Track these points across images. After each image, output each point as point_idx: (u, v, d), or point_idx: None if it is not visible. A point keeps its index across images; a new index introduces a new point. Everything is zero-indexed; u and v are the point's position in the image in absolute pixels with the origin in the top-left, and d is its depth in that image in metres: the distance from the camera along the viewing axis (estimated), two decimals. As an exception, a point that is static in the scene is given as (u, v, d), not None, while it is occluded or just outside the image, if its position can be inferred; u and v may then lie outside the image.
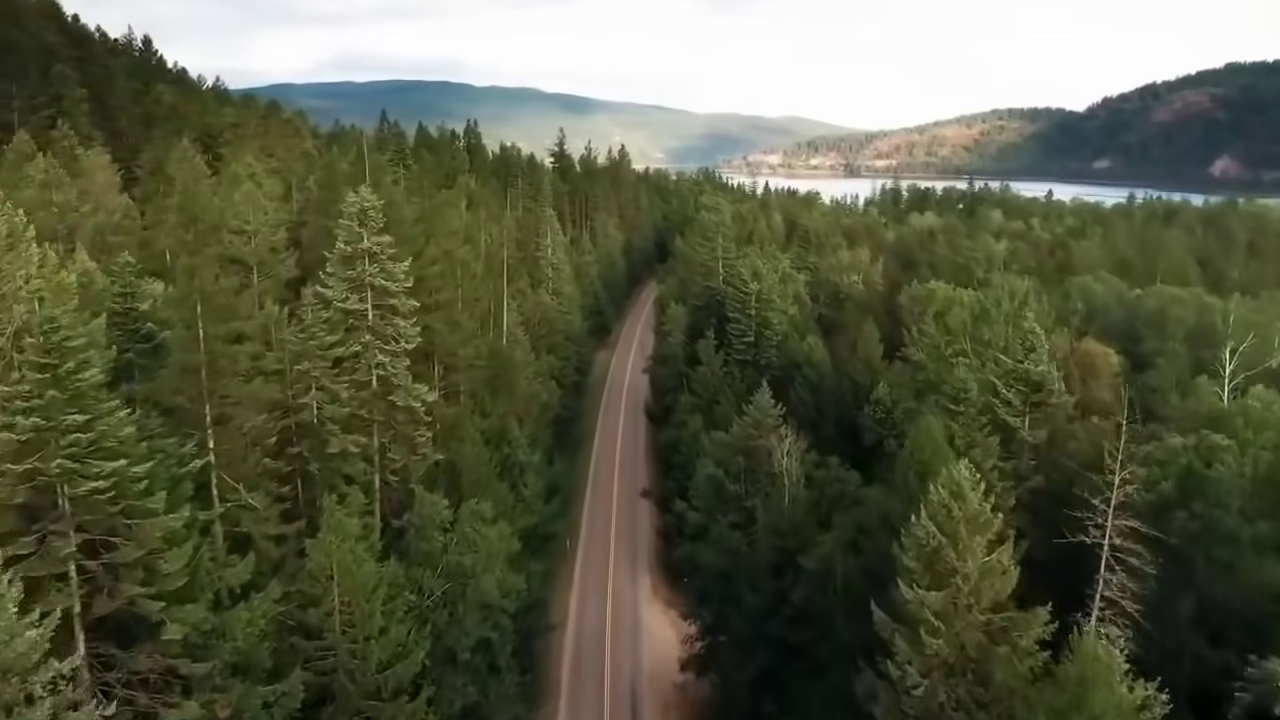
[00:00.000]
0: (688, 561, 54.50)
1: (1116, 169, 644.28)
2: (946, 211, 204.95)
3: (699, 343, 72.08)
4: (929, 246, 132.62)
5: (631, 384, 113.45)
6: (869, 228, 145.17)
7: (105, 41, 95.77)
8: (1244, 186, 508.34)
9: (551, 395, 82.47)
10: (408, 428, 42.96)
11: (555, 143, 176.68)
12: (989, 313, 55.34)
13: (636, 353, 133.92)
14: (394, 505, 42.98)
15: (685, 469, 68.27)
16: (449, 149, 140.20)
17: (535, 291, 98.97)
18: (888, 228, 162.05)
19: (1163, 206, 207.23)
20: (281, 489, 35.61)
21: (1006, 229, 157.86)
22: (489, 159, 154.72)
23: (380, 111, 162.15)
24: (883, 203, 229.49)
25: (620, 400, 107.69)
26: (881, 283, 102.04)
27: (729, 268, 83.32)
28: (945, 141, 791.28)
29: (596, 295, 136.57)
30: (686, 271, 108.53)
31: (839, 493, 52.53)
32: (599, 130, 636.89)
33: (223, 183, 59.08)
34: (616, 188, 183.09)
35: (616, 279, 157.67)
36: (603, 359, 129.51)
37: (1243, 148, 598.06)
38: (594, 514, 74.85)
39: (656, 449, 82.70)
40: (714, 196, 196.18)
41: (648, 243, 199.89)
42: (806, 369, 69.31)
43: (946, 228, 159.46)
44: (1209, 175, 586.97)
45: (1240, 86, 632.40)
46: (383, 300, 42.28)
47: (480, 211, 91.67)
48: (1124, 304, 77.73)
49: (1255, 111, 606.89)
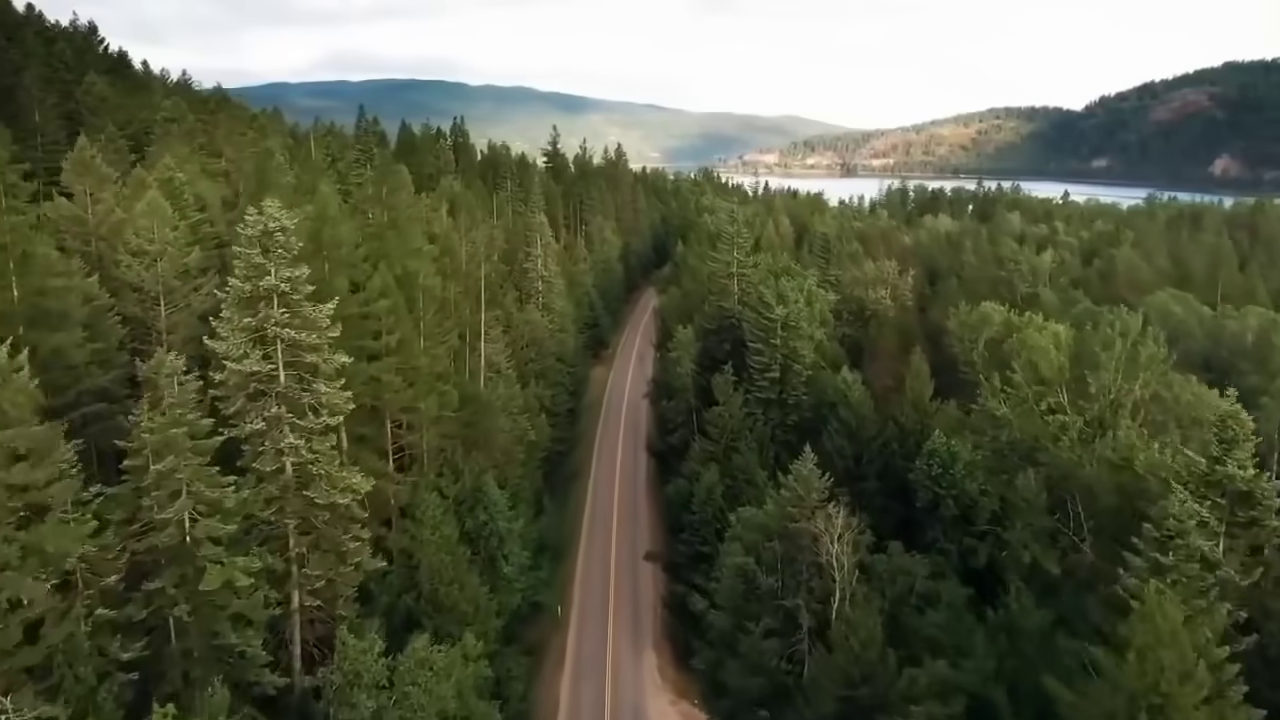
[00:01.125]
0: (710, 676, 42.57)
1: (1115, 168, 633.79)
2: (961, 214, 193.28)
3: (714, 377, 59.98)
4: (955, 254, 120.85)
5: (631, 407, 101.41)
6: (885, 233, 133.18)
7: (35, 23, 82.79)
8: (1244, 186, 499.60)
9: (541, 431, 70.52)
10: (333, 530, 30.90)
11: (549, 141, 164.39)
12: (1096, 356, 43.23)
13: (636, 369, 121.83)
14: (315, 638, 30.94)
15: (699, 531, 56.36)
16: (432, 148, 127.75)
17: (524, 308, 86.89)
18: (902, 231, 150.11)
19: (1187, 208, 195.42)
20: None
21: (1029, 233, 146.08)
22: (478, 159, 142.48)
23: (374, 111, 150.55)
24: (890, 204, 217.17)
25: (618, 427, 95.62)
26: (910, 296, 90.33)
27: (745, 285, 71.30)
28: (942, 141, 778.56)
29: (592, 306, 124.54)
30: (692, 284, 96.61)
31: (904, 589, 40.78)
32: (594, 129, 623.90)
33: (128, 191, 46.86)
34: (613, 189, 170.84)
35: (614, 287, 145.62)
36: (599, 376, 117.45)
37: (1242, 147, 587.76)
38: (589, 575, 62.55)
39: (660, 496, 70.67)
40: (717, 199, 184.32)
41: (646, 246, 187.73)
42: (843, 410, 57.40)
43: (964, 232, 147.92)
44: (1209, 174, 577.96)
45: (1239, 85, 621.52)
46: (297, 357, 30.19)
47: (463, 219, 79.67)
48: (1206, 328, 65.79)
49: (1254, 110, 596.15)
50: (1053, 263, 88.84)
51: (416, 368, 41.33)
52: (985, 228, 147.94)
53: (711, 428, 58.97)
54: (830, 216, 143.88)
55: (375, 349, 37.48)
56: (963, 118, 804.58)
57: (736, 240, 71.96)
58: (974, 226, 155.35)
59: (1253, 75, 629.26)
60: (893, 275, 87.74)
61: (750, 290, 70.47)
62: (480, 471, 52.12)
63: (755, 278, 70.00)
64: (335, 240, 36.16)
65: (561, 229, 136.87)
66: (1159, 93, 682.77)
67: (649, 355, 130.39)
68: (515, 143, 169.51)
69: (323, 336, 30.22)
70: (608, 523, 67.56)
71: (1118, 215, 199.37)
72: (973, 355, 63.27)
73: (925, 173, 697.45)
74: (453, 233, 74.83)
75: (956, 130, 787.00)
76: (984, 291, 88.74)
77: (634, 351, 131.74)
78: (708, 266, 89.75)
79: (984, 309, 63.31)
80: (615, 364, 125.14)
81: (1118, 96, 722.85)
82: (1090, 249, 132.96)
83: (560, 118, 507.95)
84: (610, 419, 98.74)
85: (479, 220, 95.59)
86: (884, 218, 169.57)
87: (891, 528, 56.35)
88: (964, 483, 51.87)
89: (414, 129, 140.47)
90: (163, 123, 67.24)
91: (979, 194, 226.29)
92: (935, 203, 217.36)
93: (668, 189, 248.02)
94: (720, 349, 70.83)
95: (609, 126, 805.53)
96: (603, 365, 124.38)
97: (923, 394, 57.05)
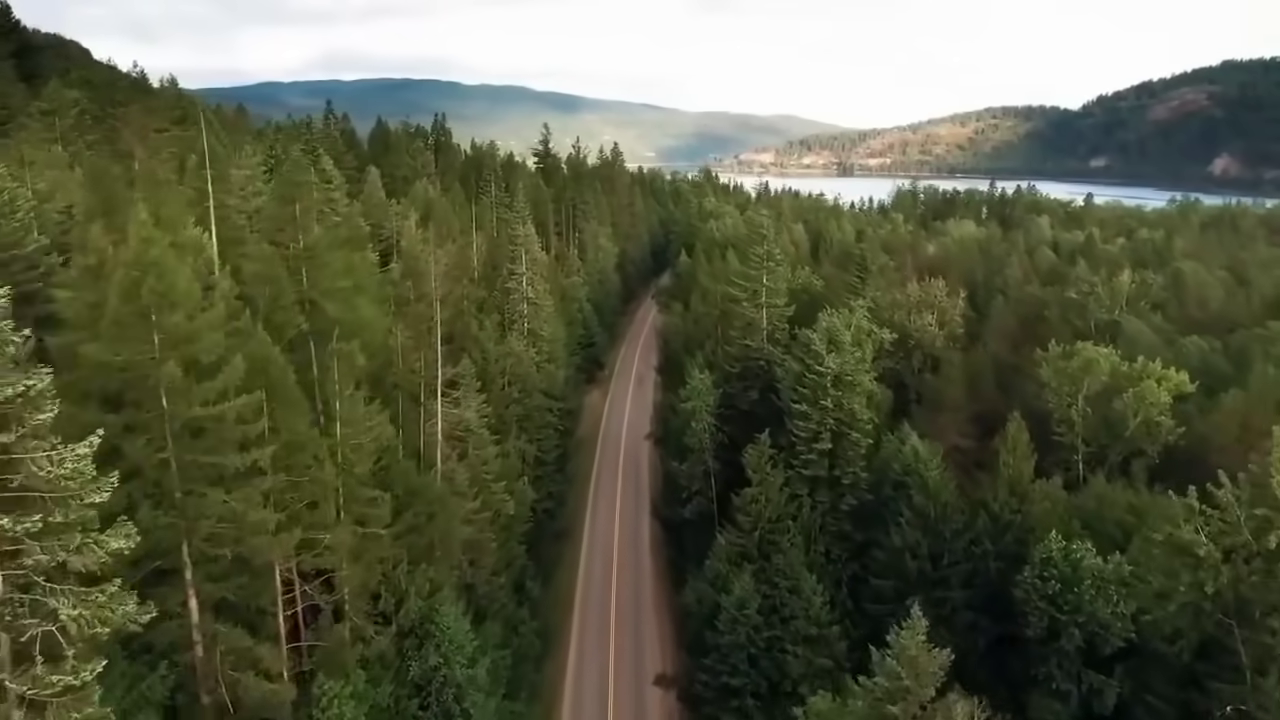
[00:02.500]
0: None
1: (1114, 167, 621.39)
2: (978, 218, 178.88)
3: (746, 451, 45.25)
4: (989, 266, 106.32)
5: (631, 448, 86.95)
6: (911, 243, 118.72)
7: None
8: (1245, 185, 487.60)
9: (522, 496, 55.91)
10: None
11: (540, 141, 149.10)
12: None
13: (635, 395, 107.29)
14: None
15: (728, 658, 41.82)
16: (408, 147, 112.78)
17: (505, 338, 72.17)
18: (924, 239, 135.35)
19: (1224, 211, 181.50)
20: None
21: (1063, 240, 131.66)
22: (462, 160, 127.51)
23: (368, 110, 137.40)
24: (902, 206, 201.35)
25: (616, 474, 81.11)
26: (960, 322, 75.81)
27: (776, 316, 56.69)
28: (939, 140, 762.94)
29: (586, 323, 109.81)
30: (703, 307, 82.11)
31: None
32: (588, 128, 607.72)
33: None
34: (609, 191, 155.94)
35: (610, 298, 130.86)
36: (594, 404, 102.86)
37: (1242, 146, 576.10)
38: (580, 710, 46.66)
39: (669, 584, 55.97)
40: (722, 203, 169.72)
41: (644, 252, 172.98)
42: (916, 493, 42.92)
43: (994, 239, 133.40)
44: (1209, 174, 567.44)
45: (1238, 84, 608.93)
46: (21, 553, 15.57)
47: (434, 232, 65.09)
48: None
49: (1254, 109, 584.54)
50: (1132, 283, 74.23)
51: (320, 480, 26.86)
52: (1020, 236, 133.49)
53: (742, 515, 44.39)
54: (846, 221, 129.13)
55: (237, 466, 22.97)
56: (959, 117, 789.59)
57: (768, 262, 56.54)
58: (1001, 233, 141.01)
59: (1252, 74, 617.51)
60: (940, 297, 73.17)
61: (780, 324, 55.93)
62: (434, 590, 37.60)
63: (786, 309, 55.28)
64: (166, 296, 21.62)
65: (553, 237, 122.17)
66: (1157, 92, 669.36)
67: (649, 378, 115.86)
68: (510, 142, 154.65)
69: (74, 508, 15.65)
70: (604, 622, 52.67)
71: (1149, 218, 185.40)
72: (1072, 413, 48.87)
73: (922, 172, 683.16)
74: (423, 250, 59.94)
75: (953, 130, 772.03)
76: (1049, 318, 74.42)
77: (632, 373, 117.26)
78: (721, 288, 75.28)
79: (1085, 352, 48.84)
80: (613, 388, 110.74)
81: (1115, 96, 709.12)
82: (1135, 258, 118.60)
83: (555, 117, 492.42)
84: (606, 462, 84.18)
85: (451, 234, 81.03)
86: (900, 222, 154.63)
87: (984, 654, 42.22)
88: (1093, 604, 37.63)
89: (391, 126, 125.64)
90: (39, 115, 52.52)
91: (991, 195, 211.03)
92: (949, 205, 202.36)
93: (666, 190, 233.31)
94: (745, 397, 56.47)
95: (604, 126, 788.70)
96: (598, 389, 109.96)
97: (1023, 473, 42.67)
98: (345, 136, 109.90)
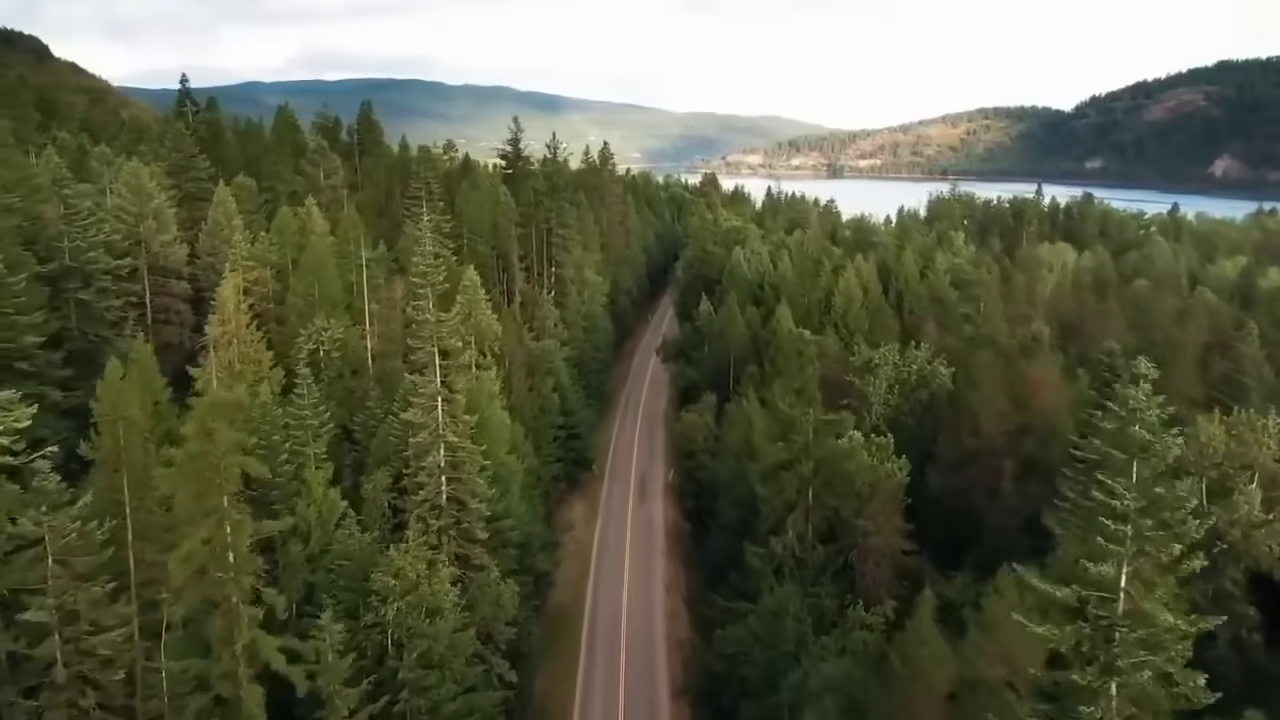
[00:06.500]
0: None
1: (1110, 169, 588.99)
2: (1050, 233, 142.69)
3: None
4: (1101, 308, 69.74)
5: (639, 637, 50.01)
6: (1028, 285, 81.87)
7: None
8: (1247, 187, 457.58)
9: None
10: None
11: (507, 141, 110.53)
12: None
13: (637, 518, 69.67)
14: None
15: None
16: (296, 149, 74.52)
17: (405, 546, 34.80)
18: (1011, 270, 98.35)
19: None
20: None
21: (1212, 276, 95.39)
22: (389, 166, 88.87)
23: (361, 108, 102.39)
24: (945, 216, 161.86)
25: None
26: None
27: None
28: (930, 141, 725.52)
29: (565, 403, 72.37)
30: (768, 423, 44.90)
31: None
32: (573, 129, 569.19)
33: None
34: (597, 204, 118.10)
35: (600, 350, 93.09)
36: (576, 547, 64.91)
37: (1243, 147, 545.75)
38: None
39: None
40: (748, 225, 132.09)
41: (640, 277, 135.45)
42: None
43: (1105, 279, 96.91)
44: (1209, 175, 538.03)
45: (1236, 84, 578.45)
46: None
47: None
48: None
49: (1253, 110, 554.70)
50: None
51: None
52: (1141, 262, 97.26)
53: None
54: (918, 252, 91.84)
55: None
56: (950, 118, 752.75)
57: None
58: (1112, 261, 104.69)
59: (1249, 74, 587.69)
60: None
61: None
62: None
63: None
64: None
65: (518, 274, 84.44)
66: (1152, 92, 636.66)
67: (656, 477, 78.61)
68: (495, 144, 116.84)
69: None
70: None
71: (1235, 232, 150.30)
72: None
73: (914, 173, 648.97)
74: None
75: (944, 130, 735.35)
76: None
77: (633, 471, 79.69)
78: (814, 415, 38.17)
79: None
80: (606, 505, 72.67)
81: (1109, 96, 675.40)
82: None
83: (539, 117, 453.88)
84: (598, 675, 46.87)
85: (327, 303, 43.80)
86: (961, 244, 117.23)
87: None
88: None
89: (293, 119, 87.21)
90: None
91: (1038, 203, 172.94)
92: (997, 215, 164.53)
93: (662, 198, 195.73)
94: None
95: (588, 126, 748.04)
96: (584, 504, 72.55)
97: None
98: (209, 127, 71.62)
